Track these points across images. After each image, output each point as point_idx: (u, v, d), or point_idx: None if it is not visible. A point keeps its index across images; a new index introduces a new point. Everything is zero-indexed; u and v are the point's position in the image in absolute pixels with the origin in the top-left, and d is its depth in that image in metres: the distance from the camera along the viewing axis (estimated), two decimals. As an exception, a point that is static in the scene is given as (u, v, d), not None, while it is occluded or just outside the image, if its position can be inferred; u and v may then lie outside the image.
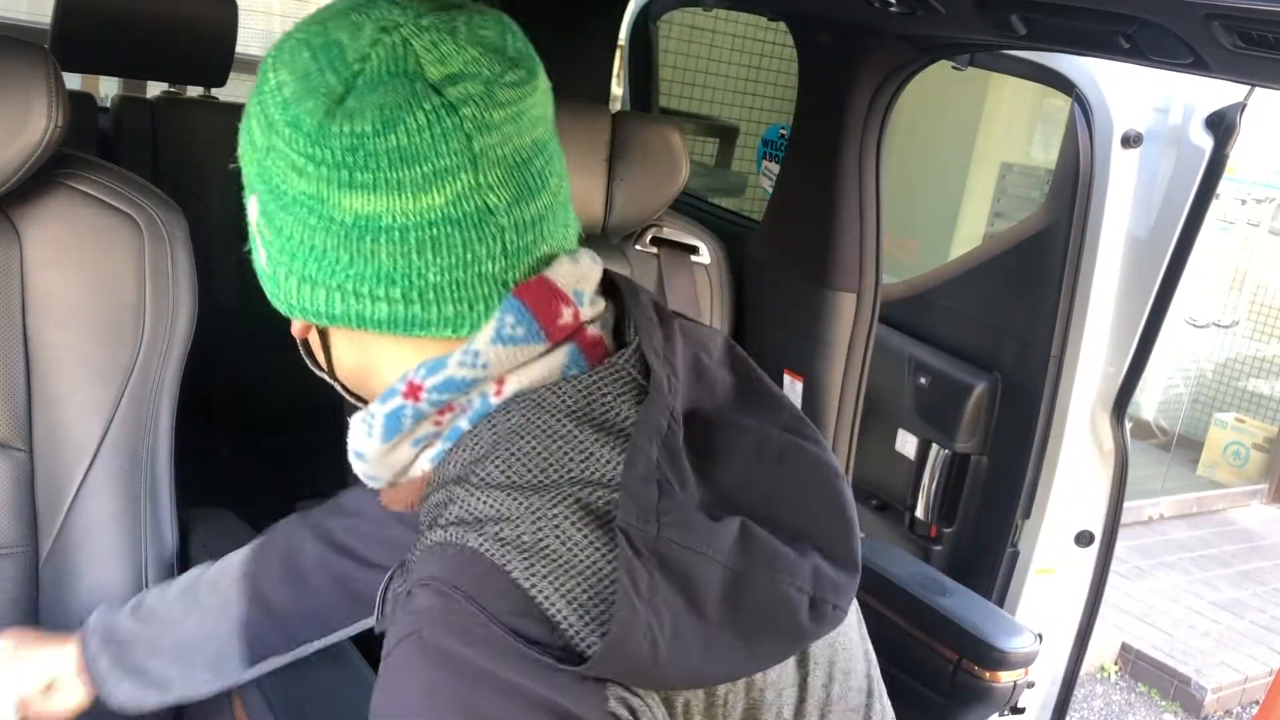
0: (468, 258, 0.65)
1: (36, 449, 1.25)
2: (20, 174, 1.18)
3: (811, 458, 0.70)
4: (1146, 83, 1.87)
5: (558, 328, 0.67)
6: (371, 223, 0.63)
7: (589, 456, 0.63)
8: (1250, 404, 5.16)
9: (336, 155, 0.63)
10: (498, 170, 0.65)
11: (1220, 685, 3.42)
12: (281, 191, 0.66)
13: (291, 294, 0.69)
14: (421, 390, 0.67)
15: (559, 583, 0.59)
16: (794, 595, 0.63)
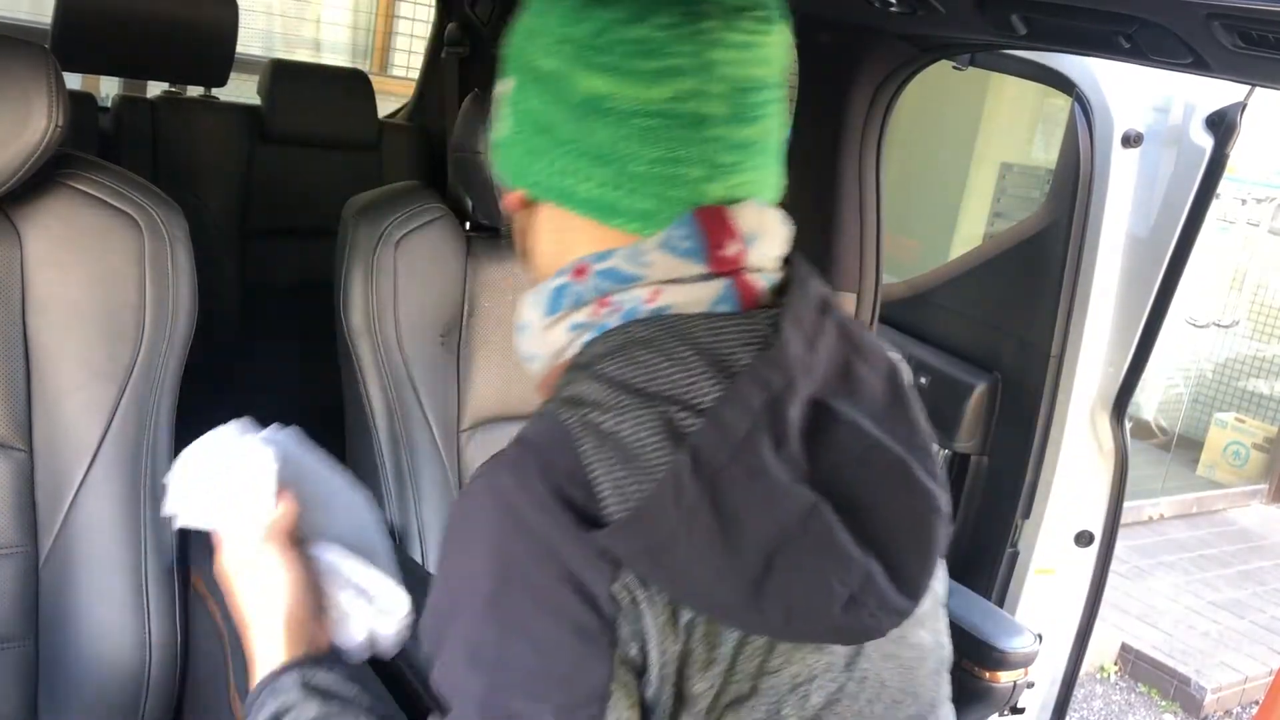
0: (673, 157, 0.70)
1: (37, 449, 1.25)
2: (21, 174, 1.18)
3: (920, 487, 0.73)
4: (1147, 83, 1.87)
5: (719, 257, 0.71)
6: (599, 103, 0.70)
7: (692, 384, 0.68)
8: (1250, 404, 5.16)
9: (589, 36, 0.69)
10: (723, 83, 0.70)
11: (1220, 685, 3.42)
12: (533, 69, 0.73)
13: (515, 160, 0.76)
14: (587, 272, 0.73)
15: (614, 469, 0.65)
16: (835, 587, 0.67)
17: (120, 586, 1.29)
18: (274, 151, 2.45)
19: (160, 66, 2.35)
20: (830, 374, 0.72)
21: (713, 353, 0.69)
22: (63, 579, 1.26)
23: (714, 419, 0.66)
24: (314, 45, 4.49)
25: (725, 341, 0.70)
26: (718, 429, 0.66)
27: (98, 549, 1.27)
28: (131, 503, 1.29)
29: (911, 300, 2.19)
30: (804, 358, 0.70)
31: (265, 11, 4.23)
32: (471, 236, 1.65)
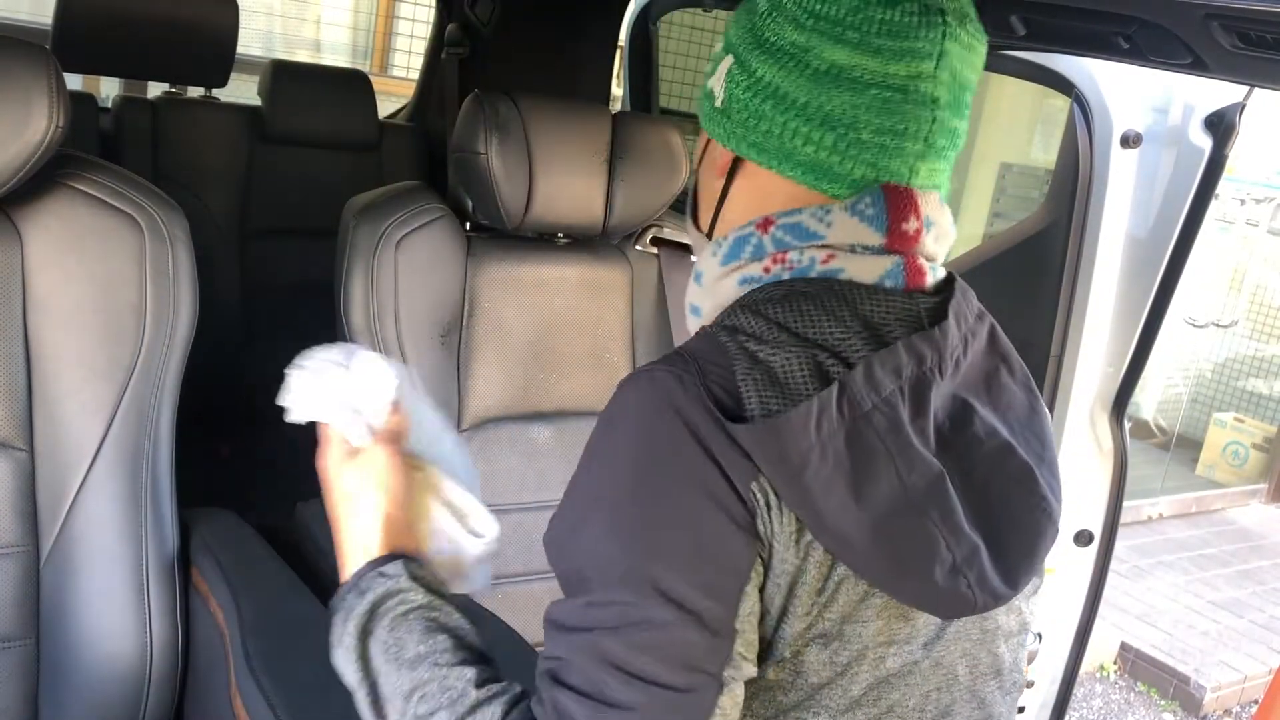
0: (900, 128, 0.77)
1: (37, 449, 1.25)
2: (21, 174, 1.18)
3: (1039, 493, 0.79)
4: (1146, 83, 1.87)
5: (899, 231, 0.78)
6: (843, 74, 0.76)
7: (846, 340, 0.73)
8: (1249, 404, 5.16)
9: (840, 14, 0.76)
10: (949, 73, 0.77)
11: (1219, 684, 3.43)
12: (770, 43, 0.79)
13: (738, 125, 0.80)
14: (772, 225, 0.79)
15: (763, 389, 0.71)
16: (943, 551, 0.71)
17: (121, 586, 1.29)
18: (274, 152, 2.45)
19: (161, 67, 2.35)
20: (976, 377, 0.79)
21: (869, 319, 0.75)
22: (64, 578, 1.26)
23: (866, 369, 0.71)
24: (314, 46, 4.49)
25: (883, 313, 0.76)
26: (868, 379, 0.71)
27: (99, 548, 1.27)
28: (132, 502, 1.29)
29: (911, 300, 2.19)
30: (957, 349, 0.77)
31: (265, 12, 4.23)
32: (471, 236, 1.66)
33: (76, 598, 1.27)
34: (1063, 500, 0.84)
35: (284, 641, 1.25)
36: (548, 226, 1.64)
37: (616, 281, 1.77)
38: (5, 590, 1.24)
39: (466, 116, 1.57)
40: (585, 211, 1.63)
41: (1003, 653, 0.84)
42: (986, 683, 0.83)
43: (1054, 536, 0.80)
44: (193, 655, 1.35)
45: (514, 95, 1.59)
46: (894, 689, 0.76)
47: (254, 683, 1.16)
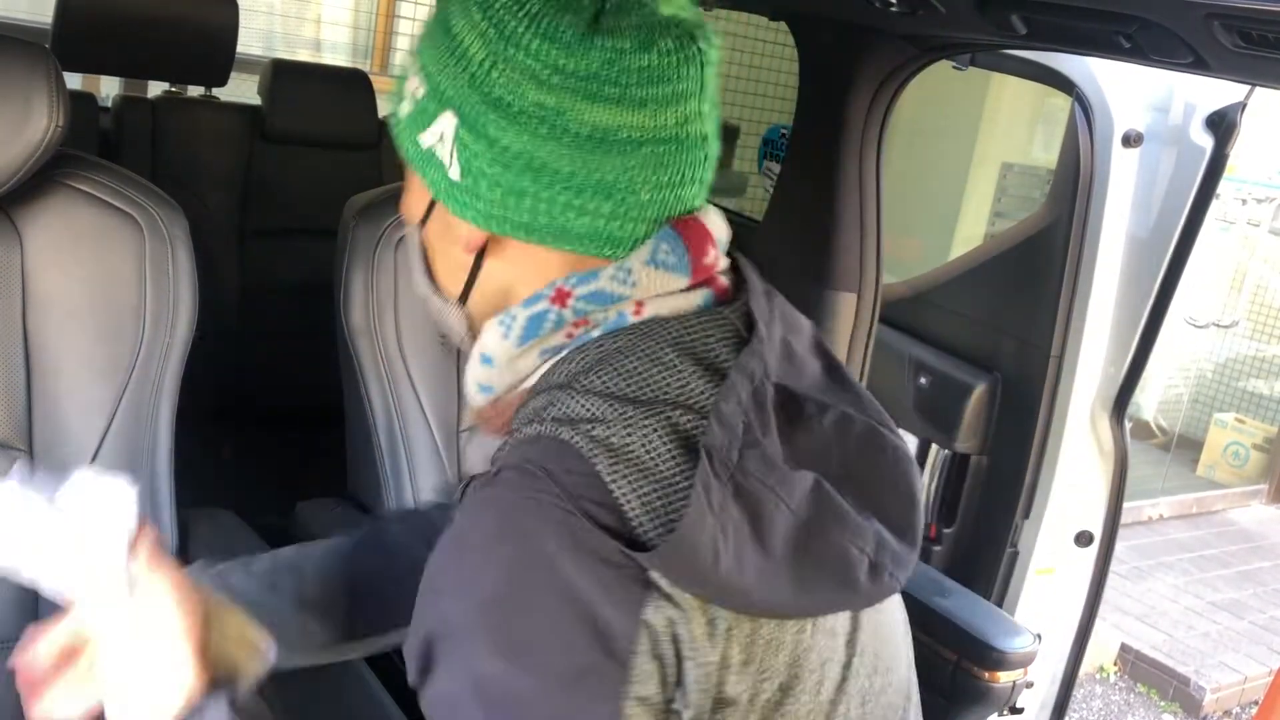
0: (676, 179, 0.70)
1: (37, 449, 1.25)
2: (21, 174, 1.18)
3: (888, 442, 0.75)
4: (1147, 82, 1.87)
5: (703, 265, 0.73)
6: (608, 135, 0.68)
7: (685, 385, 0.67)
8: (1250, 404, 5.16)
9: (592, 68, 0.67)
10: (709, 103, 0.71)
11: (1219, 685, 3.42)
12: (506, 104, 0.68)
13: (492, 204, 0.71)
14: (570, 297, 0.71)
15: (637, 484, 0.63)
16: (854, 554, 0.68)
17: (120, 586, 1.29)
18: (274, 151, 2.45)
19: (161, 66, 2.35)
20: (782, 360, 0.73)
21: (694, 352, 0.69)
22: (63, 579, 1.26)
23: (717, 417, 0.65)
24: (314, 45, 4.49)
25: (703, 339, 0.70)
26: (723, 426, 0.65)
27: (98, 549, 1.27)
28: (132, 502, 1.29)
29: (911, 300, 2.19)
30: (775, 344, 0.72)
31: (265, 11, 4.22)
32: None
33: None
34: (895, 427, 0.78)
35: (283, 642, 1.25)
36: (548, 226, 1.64)
37: (617, 281, 1.76)
38: (5, 590, 1.24)
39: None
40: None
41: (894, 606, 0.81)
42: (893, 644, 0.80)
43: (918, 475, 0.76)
44: (192, 655, 1.35)
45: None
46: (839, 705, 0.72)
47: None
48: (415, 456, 1.58)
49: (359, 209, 1.59)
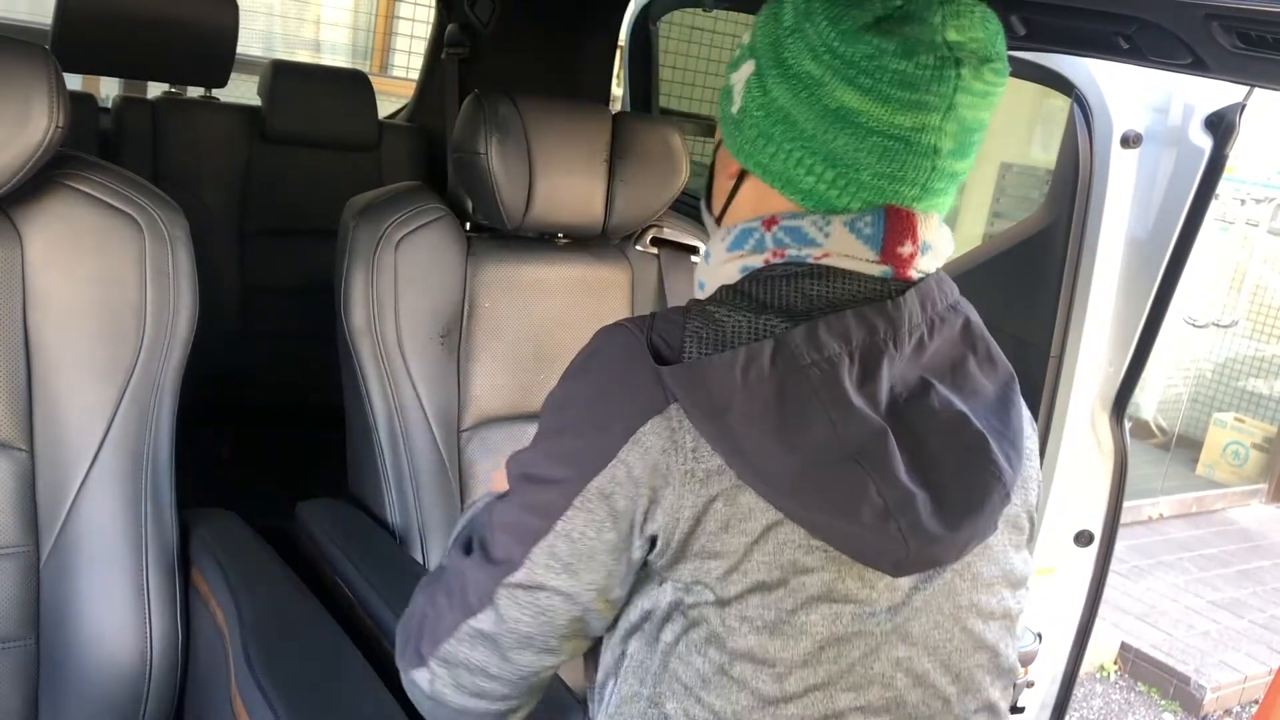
0: (900, 175, 0.80)
1: (37, 449, 1.25)
2: (21, 174, 1.18)
3: (991, 457, 0.81)
4: (1146, 83, 1.87)
5: (893, 252, 0.81)
6: (850, 116, 0.78)
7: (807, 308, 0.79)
8: (1249, 404, 5.16)
9: (856, 56, 0.77)
10: (955, 124, 0.79)
11: (1220, 684, 3.43)
12: (787, 65, 0.81)
13: (747, 141, 0.84)
14: (775, 224, 0.83)
15: (704, 342, 0.78)
16: (871, 493, 0.75)
17: (121, 586, 1.29)
18: (274, 152, 2.45)
19: (161, 67, 2.35)
20: (942, 363, 0.83)
21: (836, 298, 0.80)
22: (64, 579, 1.26)
23: (809, 330, 0.76)
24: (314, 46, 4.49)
25: (853, 290, 0.80)
26: (810, 338, 0.76)
27: (99, 549, 1.27)
28: (132, 502, 1.29)
29: (911, 300, 2.19)
30: (919, 327, 0.81)
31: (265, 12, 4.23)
32: (471, 237, 1.66)
33: (76, 598, 1.27)
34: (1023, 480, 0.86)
35: (284, 641, 1.25)
36: (548, 226, 1.64)
37: (617, 281, 1.77)
38: (5, 590, 1.24)
39: (466, 116, 1.57)
40: (585, 212, 1.63)
41: (981, 631, 0.86)
42: (967, 658, 0.85)
43: (1003, 500, 0.82)
44: (193, 655, 1.35)
45: (514, 95, 1.59)
46: (853, 648, 0.79)
47: (254, 683, 1.16)
48: (416, 456, 1.58)
49: (359, 209, 1.59)
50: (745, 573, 0.77)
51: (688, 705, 0.81)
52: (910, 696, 0.82)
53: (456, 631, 0.85)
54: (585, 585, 0.82)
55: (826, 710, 0.79)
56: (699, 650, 0.80)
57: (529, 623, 0.83)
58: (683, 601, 0.80)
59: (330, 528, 1.59)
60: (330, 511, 1.65)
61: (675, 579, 0.80)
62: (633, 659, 0.85)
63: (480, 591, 0.84)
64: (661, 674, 0.82)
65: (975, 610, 0.85)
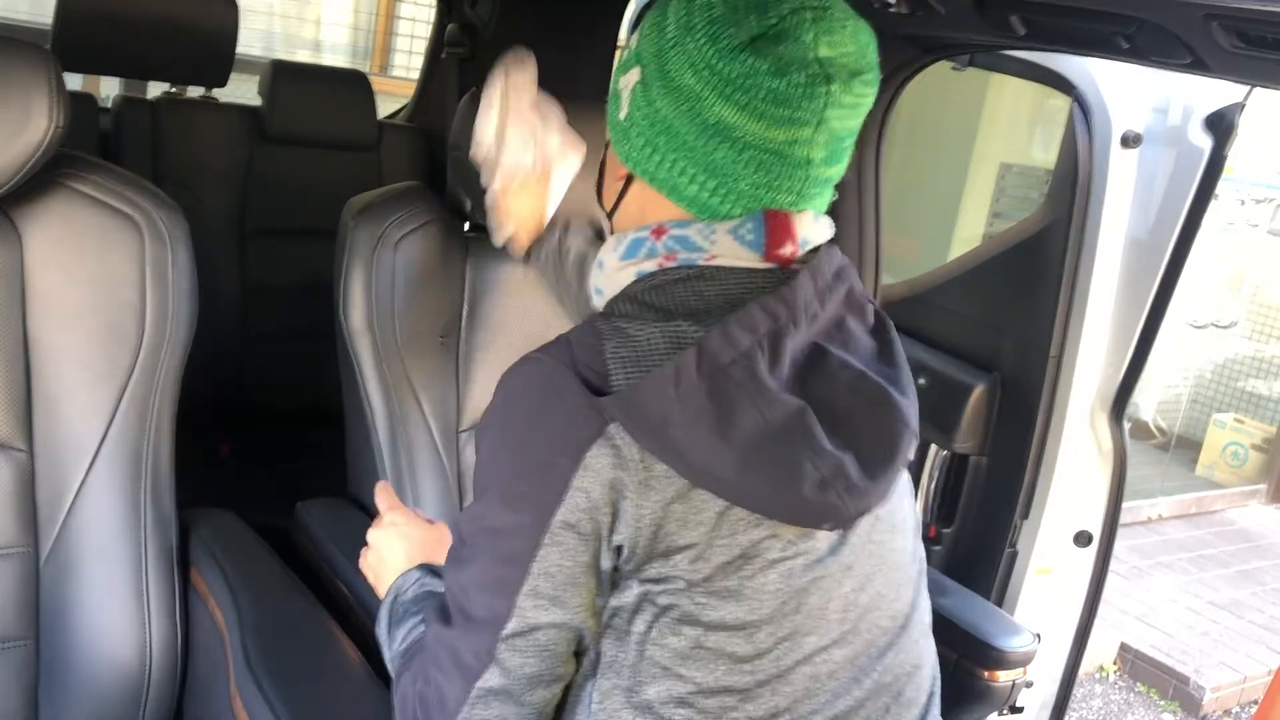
0: (775, 184, 0.86)
1: (37, 449, 1.25)
2: (21, 174, 1.18)
3: (892, 402, 0.89)
4: (1146, 83, 1.87)
5: (775, 254, 0.87)
6: (727, 130, 0.84)
7: (706, 309, 0.85)
8: (1249, 404, 5.16)
9: (733, 74, 0.82)
10: (826, 135, 0.85)
11: (1219, 685, 3.43)
12: (670, 77, 0.85)
13: (635, 149, 0.89)
14: (664, 234, 0.89)
15: (627, 362, 0.83)
16: (807, 468, 0.82)
17: (121, 586, 1.29)
18: (274, 152, 2.45)
19: (161, 67, 2.35)
20: (829, 326, 0.89)
21: (730, 295, 0.85)
22: (63, 579, 1.27)
23: (723, 330, 0.82)
24: (314, 46, 4.49)
25: (746, 284, 0.86)
26: (724, 337, 0.82)
27: (98, 549, 1.27)
28: (132, 502, 1.29)
29: (911, 300, 2.20)
30: (812, 304, 0.87)
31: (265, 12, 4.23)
32: (471, 237, 1.66)
33: (76, 598, 1.27)
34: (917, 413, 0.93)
35: (283, 641, 1.25)
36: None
37: (616, 282, 1.77)
38: (5, 590, 1.24)
39: (465, 116, 1.57)
40: (584, 211, 1.63)
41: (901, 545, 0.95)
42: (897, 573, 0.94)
43: (910, 440, 0.90)
44: (192, 655, 1.35)
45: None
46: (809, 595, 0.87)
47: (253, 683, 1.16)
48: (415, 456, 1.58)
49: (359, 209, 1.59)
50: (708, 558, 0.83)
51: (669, 685, 0.85)
52: (863, 624, 0.90)
53: (468, 698, 0.88)
54: (575, 610, 0.86)
55: (797, 656, 0.87)
56: (673, 631, 0.85)
57: (534, 664, 0.87)
58: (650, 593, 0.85)
59: (330, 528, 1.59)
60: (330, 511, 1.65)
61: (642, 577, 0.85)
62: (606, 657, 0.88)
63: (477, 652, 0.87)
64: (638, 663, 0.86)
65: (892, 528, 0.94)
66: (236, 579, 1.33)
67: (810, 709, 0.87)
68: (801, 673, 0.87)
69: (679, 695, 0.85)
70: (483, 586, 0.87)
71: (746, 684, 0.86)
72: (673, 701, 0.85)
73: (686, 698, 0.85)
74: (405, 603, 1.03)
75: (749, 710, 0.86)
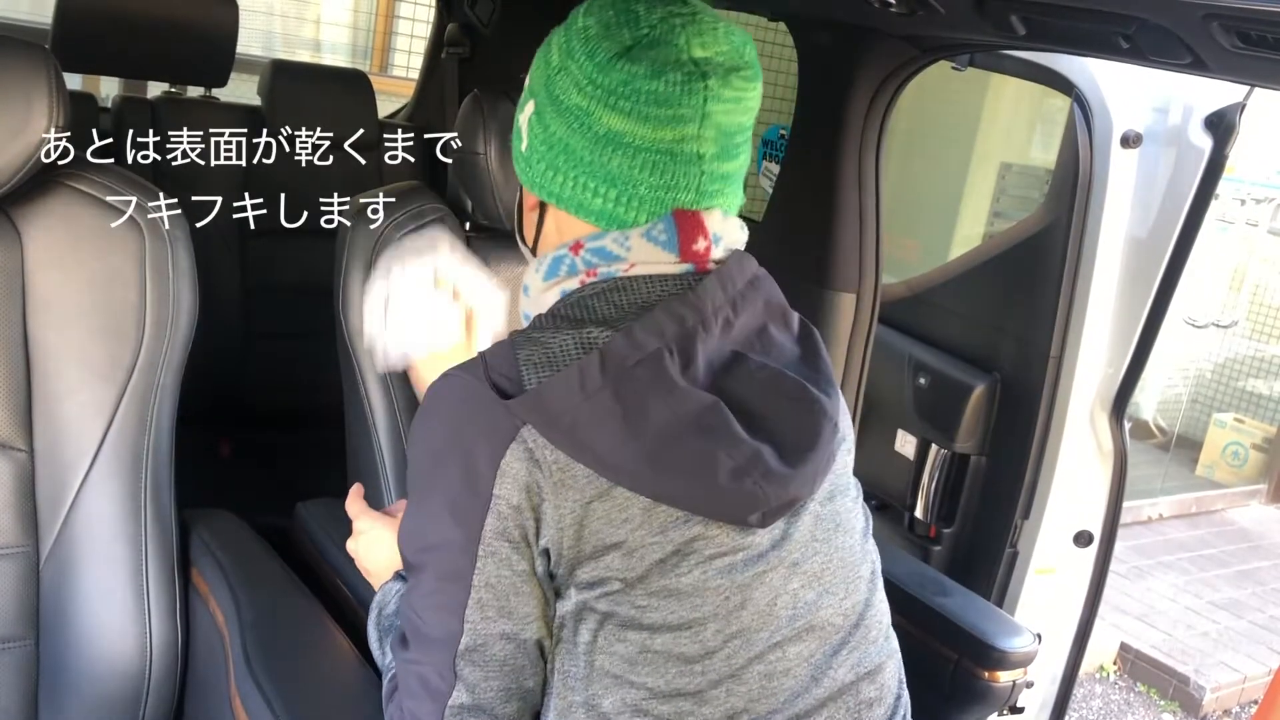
0: (671, 183, 0.88)
1: (37, 449, 1.25)
2: (21, 174, 1.18)
3: (810, 397, 0.90)
4: (1146, 83, 1.87)
5: (691, 250, 0.90)
6: (618, 138, 0.87)
7: (619, 316, 0.87)
8: (1249, 404, 5.16)
9: (613, 84, 0.86)
10: (713, 130, 0.88)
11: (1219, 685, 3.43)
12: (559, 101, 0.90)
13: (538, 175, 0.93)
14: (582, 249, 0.91)
15: (540, 366, 0.85)
16: (721, 458, 0.83)
17: (121, 586, 1.29)
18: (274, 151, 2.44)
19: (161, 67, 2.35)
20: (748, 334, 0.92)
21: (642, 301, 0.88)
22: (63, 579, 1.26)
23: (626, 333, 0.85)
24: (314, 46, 4.49)
25: (658, 292, 0.89)
26: (628, 340, 0.84)
27: (99, 549, 1.27)
28: (132, 502, 1.29)
29: (911, 300, 2.20)
30: (723, 309, 0.89)
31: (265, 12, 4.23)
32: (471, 236, 1.66)
33: (76, 598, 1.27)
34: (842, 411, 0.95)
35: (284, 641, 1.25)
36: (548, 226, 1.64)
37: (616, 281, 1.76)
38: (5, 590, 1.24)
39: (466, 116, 1.57)
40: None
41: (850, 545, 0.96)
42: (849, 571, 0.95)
43: (832, 431, 0.91)
44: (193, 655, 1.35)
45: (514, 95, 1.58)
46: (754, 591, 0.88)
47: (253, 683, 1.16)
48: (415, 456, 1.58)
49: (359, 209, 1.59)
50: (641, 556, 0.85)
51: (623, 693, 0.86)
52: (816, 621, 0.91)
53: (443, 718, 0.90)
54: (525, 620, 0.87)
55: (749, 654, 0.87)
56: (618, 637, 0.86)
57: (497, 679, 0.88)
58: (588, 601, 0.86)
59: (330, 528, 1.59)
60: (330, 511, 1.65)
61: (577, 583, 0.86)
62: (560, 671, 0.89)
63: (440, 671, 0.89)
64: (590, 675, 0.87)
65: (836, 526, 0.94)
66: (237, 579, 1.33)
67: (769, 708, 0.88)
68: (755, 671, 0.88)
69: (633, 703, 0.86)
70: (432, 606, 0.89)
71: (699, 685, 0.86)
72: (628, 710, 0.86)
73: (641, 704, 0.86)
74: (389, 615, 1.05)
75: (705, 714, 0.86)
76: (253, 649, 1.21)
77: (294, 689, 1.17)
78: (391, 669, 0.99)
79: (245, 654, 1.21)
